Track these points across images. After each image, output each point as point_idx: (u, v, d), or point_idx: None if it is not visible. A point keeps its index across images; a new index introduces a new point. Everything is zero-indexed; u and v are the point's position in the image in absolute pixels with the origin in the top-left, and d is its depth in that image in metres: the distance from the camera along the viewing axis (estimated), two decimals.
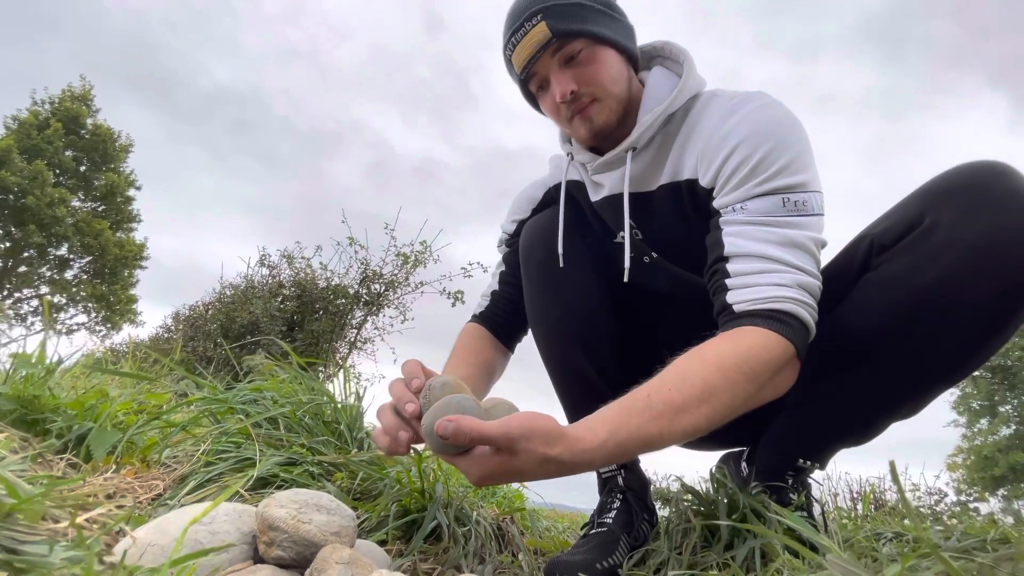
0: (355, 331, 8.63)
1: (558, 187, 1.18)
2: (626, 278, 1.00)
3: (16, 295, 16.49)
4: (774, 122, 0.90)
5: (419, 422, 0.75)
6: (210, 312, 8.03)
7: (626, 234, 1.03)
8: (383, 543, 0.95)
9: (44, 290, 16.74)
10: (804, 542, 0.82)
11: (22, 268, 16.32)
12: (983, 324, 0.80)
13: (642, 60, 1.10)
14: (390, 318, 8.80)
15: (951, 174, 0.82)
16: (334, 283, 8.36)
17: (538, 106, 1.11)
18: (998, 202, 0.75)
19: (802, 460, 1.01)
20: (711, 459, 1.29)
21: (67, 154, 16.62)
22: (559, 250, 1.08)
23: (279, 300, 8.00)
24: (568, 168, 1.16)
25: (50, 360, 1.10)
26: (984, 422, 17.17)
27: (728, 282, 0.86)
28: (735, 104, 0.95)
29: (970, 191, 0.78)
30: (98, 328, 17.36)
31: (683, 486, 1.08)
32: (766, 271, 0.83)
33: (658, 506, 1.21)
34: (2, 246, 15.67)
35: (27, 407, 0.96)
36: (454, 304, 8.55)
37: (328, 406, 1.28)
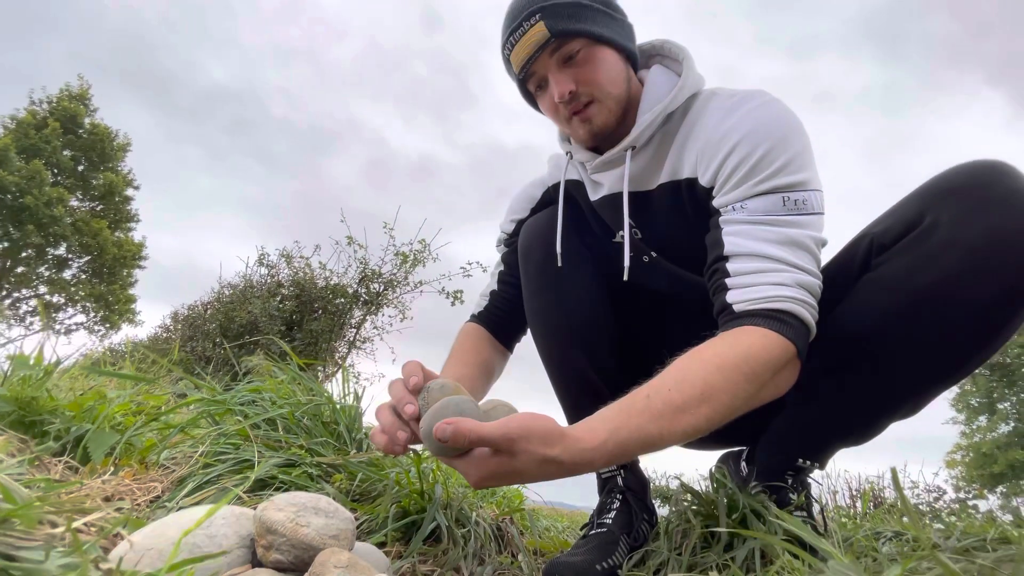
0: (354, 330, 8.64)
1: (557, 186, 1.17)
2: (625, 277, 1.00)
3: (14, 295, 16.47)
4: (774, 120, 0.90)
5: (418, 423, 0.74)
6: (209, 312, 8.03)
7: (625, 233, 1.02)
8: (382, 545, 0.95)
9: (42, 290, 16.72)
10: (804, 545, 0.82)
11: (20, 268, 16.30)
12: (983, 324, 0.79)
13: (641, 59, 1.09)
14: (389, 317, 8.83)
15: (951, 173, 0.82)
16: (333, 282, 8.37)
17: (537, 105, 1.10)
18: (998, 202, 0.75)
19: (802, 460, 1.01)
20: (711, 458, 1.29)
21: (65, 153, 16.57)
22: (558, 250, 1.08)
23: (278, 300, 7.99)
24: (567, 167, 1.15)
25: (48, 361, 1.10)
26: (983, 419, 17.19)
27: (728, 281, 0.85)
28: (735, 102, 0.94)
29: (970, 191, 0.77)
30: (97, 328, 17.36)
31: (682, 486, 1.07)
32: (766, 270, 0.83)
33: (657, 505, 1.21)
34: (0, 246, 15.64)
35: (25, 409, 0.95)
36: (453, 303, 8.56)
37: (327, 407, 1.28)
